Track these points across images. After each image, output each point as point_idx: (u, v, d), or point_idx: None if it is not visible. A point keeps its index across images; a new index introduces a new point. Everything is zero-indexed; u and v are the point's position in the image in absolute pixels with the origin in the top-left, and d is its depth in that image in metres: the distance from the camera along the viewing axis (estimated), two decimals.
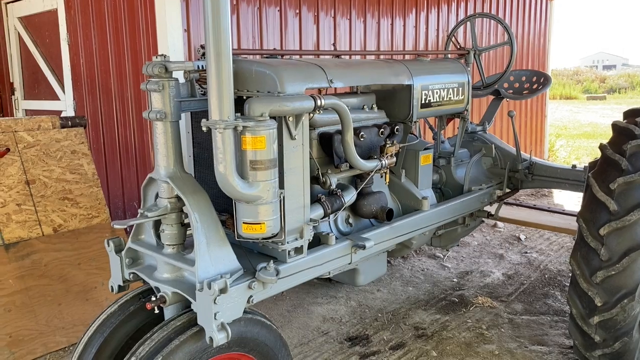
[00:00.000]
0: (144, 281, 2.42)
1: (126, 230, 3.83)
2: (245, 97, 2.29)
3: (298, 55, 3.06)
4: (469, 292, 4.31)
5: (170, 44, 4.33)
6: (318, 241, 2.69)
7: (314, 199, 2.64)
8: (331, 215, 2.71)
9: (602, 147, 3.03)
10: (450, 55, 3.89)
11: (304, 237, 2.49)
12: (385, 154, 2.90)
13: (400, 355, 3.43)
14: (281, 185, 2.34)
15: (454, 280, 4.58)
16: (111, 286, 2.50)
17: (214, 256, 2.22)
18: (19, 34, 5.95)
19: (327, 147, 2.73)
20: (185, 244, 2.36)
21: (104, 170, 5.15)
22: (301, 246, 2.50)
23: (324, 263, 2.66)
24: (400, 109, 3.19)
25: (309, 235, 2.52)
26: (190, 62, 2.31)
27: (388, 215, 2.95)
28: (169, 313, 2.33)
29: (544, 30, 8.72)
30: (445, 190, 3.92)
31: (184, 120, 2.55)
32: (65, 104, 5.49)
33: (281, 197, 2.31)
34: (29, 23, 5.82)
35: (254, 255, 2.55)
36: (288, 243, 2.43)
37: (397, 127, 3.09)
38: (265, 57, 2.76)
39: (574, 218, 3.76)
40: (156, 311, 2.31)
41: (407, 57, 3.97)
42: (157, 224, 2.39)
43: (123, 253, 2.44)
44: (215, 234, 2.24)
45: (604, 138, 10.51)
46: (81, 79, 5.26)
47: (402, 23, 6.47)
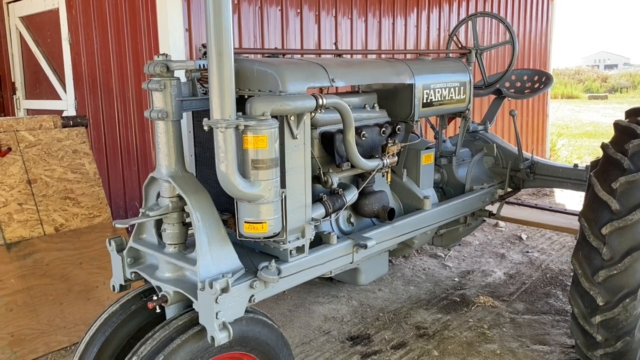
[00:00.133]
0: (146, 280, 2.42)
1: (128, 230, 3.83)
2: (246, 97, 2.29)
3: (299, 54, 3.05)
4: (471, 292, 4.31)
5: (172, 43, 4.33)
6: (319, 240, 2.69)
7: (316, 198, 2.64)
8: (333, 215, 2.71)
9: (604, 146, 3.03)
10: (451, 55, 3.88)
11: (306, 237, 2.50)
12: (387, 153, 2.90)
13: (402, 354, 3.42)
14: (283, 185, 2.34)
15: (456, 279, 4.57)
16: (113, 285, 2.51)
17: (215, 255, 2.22)
18: (20, 33, 5.96)
19: (329, 147, 2.73)
20: (186, 243, 2.37)
21: (105, 170, 5.15)
22: (303, 245, 2.50)
23: (325, 262, 2.65)
24: (402, 108, 3.19)
25: (310, 234, 2.52)
26: (191, 61, 2.30)
27: (390, 215, 2.95)
28: (170, 312, 2.33)
29: (546, 30, 8.71)
30: (446, 190, 3.92)
31: (186, 120, 2.55)
32: (67, 104, 5.49)
33: (283, 197, 2.31)
34: (30, 22, 5.82)
35: (256, 254, 2.55)
36: (289, 242, 2.43)
37: (399, 127, 3.09)
38: (267, 56, 2.76)
39: (575, 217, 3.76)
40: (158, 310, 2.31)
41: (409, 57, 3.96)
42: (159, 223, 2.39)
43: (124, 252, 2.44)
44: (216, 234, 2.24)
45: (605, 137, 10.50)
46: (82, 79, 5.26)
47: (404, 22, 6.46)
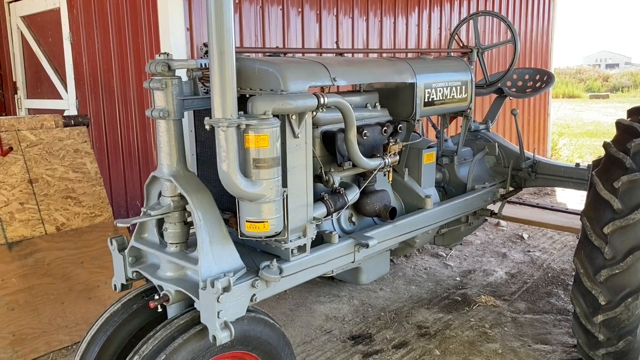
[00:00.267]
0: (147, 280, 2.42)
1: (129, 229, 3.83)
2: (248, 96, 2.29)
3: (301, 53, 3.05)
4: (472, 291, 4.30)
5: (173, 42, 4.33)
6: (321, 240, 2.69)
7: (317, 198, 2.64)
8: (334, 214, 2.70)
9: (606, 146, 3.02)
10: (453, 54, 3.88)
11: (307, 236, 2.49)
12: (389, 153, 2.90)
13: (403, 354, 3.42)
14: (284, 184, 2.34)
15: (457, 279, 4.57)
16: (114, 285, 2.51)
17: (217, 255, 2.22)
18: (21, 33, 5.96)
19: (330, 146, 2.72)
20: (188, 243, 2.36)
21: (106, 169, 5.15)
22: (304, 245, 2.50)
23: (327, 262, 2.65)
24: (404, 107, 3.18)
25: (312, 233, 2.52)
26: (193, 60, 2.30)
27: (391, 214, 2.94)
28: (172, 311, 2.33)
29: (547, 29, 8.70)
30: (448, 189, 3.91)
31: (187, 119, 2.55)
32: (68, 103, 5.49)
33: (284, 196, 2.30)
34: (31, 22, 5.82)
35: (257, 253, 2.55)
36: (291, 241, 2.43)
37: (400, 126, 3.09)
38: (268, 55, 2.76)
39: (577, 217, 3.76)
40: (159, 310, 2.30)
41: (410, 56, 3.96)
42: (160, 223, 2.39)
43: (126, 251, 2.44)
44: (218, 233, 2.24)
45: (606, 136, 10.49)
46: (84, 78, 5.26)
47: (405, 21, 6.46)
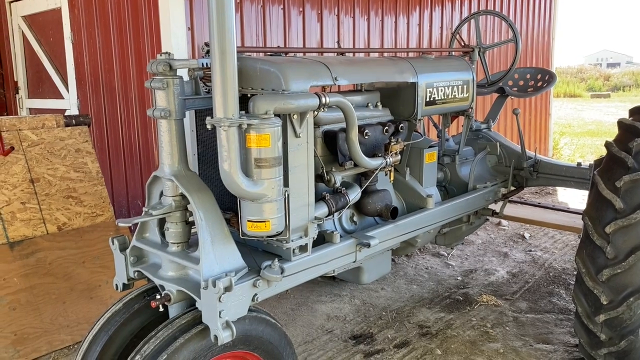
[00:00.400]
0: (149, 279, 2.42)
1: (130, 229, 3.83)
2: (249, 95, 2.28)
3: (302, 52, 3.05)
4: (474, 291, 4.30)
5: (174, 42, 4.32)
6: (322, 239, 2.69)
7: (319, 197, 2.64)
8: (336, 214, 2.70)
9: (608, 145, 3.02)
10: (454, 53, 3.87)
11: (309, 235, 2.49)
12: (390, 152, 2.90)
13: (405, 353, 3.42)
14: (286, 183, 2.34)
15: (458, 278, 4.57)
16: (116, 284, 2.51)
17: (218, 254, 2.22)
18: (23, 32, 5.96)
19: (332, 145, 2.72)
20: (189, 242, 2.36)
21: (108, 169, 5.15)
22: (306, 244, 2.50)
23: (328, 261, 2.65)
24: (405, 107, 3.18)
25: (313, 233, 2.52)
26: (194, 60, 2.30)
27: (393, 214, 2.94)
28: (173, 311, 2.33)
29: (548, 28, 8.69)
30: (449, 188, 3.91)
31: (188, 118, 2.55)
32: (69, 103, 5.50)
33: (286, 195, 2.30)
34: (33, 22, 5.82)
35: (259, 253, 2.54)
36: (293, 241, 2.43)
37: (402, 125, 3.08)
38: (270, 55, 2.76)
39: (578, 216, 3.75)
40: (161, 309, 2.31)
41: (411, 55, 3.95)
42: (162, 222, 2.39)
43: (127, 251, 2.44)
44: (219, 232, 2.24)
45: (608, 136, 10.48)
46: (85, 78, 5.26)
47: (406, 21, 6.45)
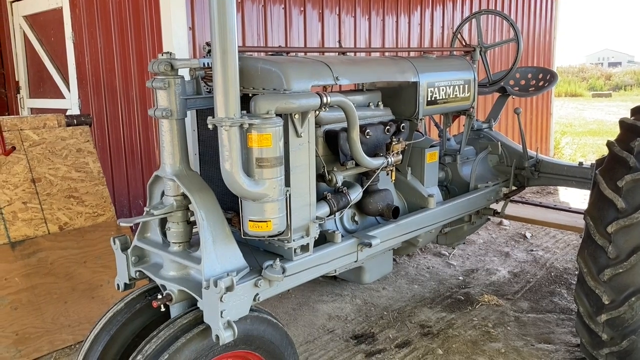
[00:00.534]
0: (150, 279, 2.42)
1: (132, 228, 3.83)
2: (251, 95, 2.29)
3: (303, 52, 3.05)
4: (475, 290, 4.30)
5: (175, 42, 4.33)
6: (324, 239, 2.69)
7: (320, 197, 2.64)
8: (337, 213, 2.70)
9: (610, 144, 3.01)
10: (456, 52, 3.87)
11: (310, 235, 2.49)
12: (391, 152, 2.90)
13: (406, 353, 3.42)
14: (287, 183, 2.34)
15: (460, 278, 4.56)
16: (117, 284, 2.51)
17: (220, 254, 2.22)
18: (24, 32, 5.96)
19: (333, 145, 2.72)
20: (191, 242, 2.36)
21: (109, 169, 5.16)
22: (307, 244, 2.50)
23: (330, 261, 2.65)
24: (406, 106, 3.18)
25: (315, 233, 2.51)
26: (195, 60, 2.31)
27: (394, 213, 2.94)
28: (175, 311, 2.33)
29: (550, 27, 8.68)
30: (451, 188, 3.91)
31: (190, 118, 2.55)
32: (71, 102, 5.50)
33: (287, 195, 2.30)
34: (34, 22, 5.83)
35: (260, 253, 2.54)
36: (294, 241, 2.43)
37: (403, 125, 3.08)
38: (271, 55, 2.76)
39: (580, 216, 3.75)
40: (162, 309, 2.31)
41: (413, 55, 3.95)
42: (163, 222, 2.39)
43: (129, 251, 2.45)
44: (221, 232, 2.24)
45: (609, 135, 10.48)
46: (86, 77, 5.27)
47: (407, 20, 6.45)
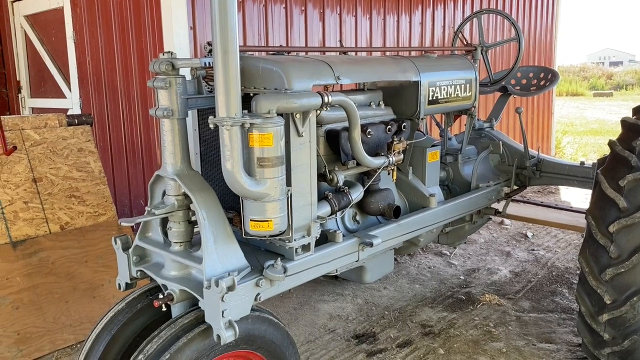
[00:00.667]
0: (151, 279, 2.42)
1: (133, 228, 3.84)
2: (252, 94, 2.28)
3: (304, 52, 3.05)
4: (476, 290, 4.29)
5: (176, 41, 4.32)
6: (325, 239, 2.69)
7: (321, 197, 2.64)
8: (338, 213, 2.70)
9: (612, 144, 3.01)
10: (457, 52, 3.87)
11: (311, 235, 2.49)
12: (393, 151, 2.89)
13: (407, 352, 3.42)
14: (288, 183, 2.34)
15: (461, 277, 4.56)
16: (118, 284, 2.51)
17: (221, 254, 2.21)
18: (25, 32, 5.97)
19: (334, 144, 2.72)
20: (192, 242, 2.36)
21: (110, 168, 5.16)
22: (308, 244, 2.50)
23: (331, 261, 2.65)
24: (408, 106, 3.18)
25: (316, 232, 2.51)
26: (197, 59, 2.30)
27: (395, 213, 2.94)
28: (176, 311, 2.33)
29: (551, 26, 8.67)
30: (452, 188, 3.90)
31: (191, 118, 2.55)
32: (72, 102, 5.50)
33: (288, 195, 2.30)
34: (35, 21, 5.83)
35: (261, 252, 2.54)
36: (295, 240, 2.43)
37: (404, 124, 3.08)
38: (272, 54, 2.76)
39: (581, 215, 3.75)
40: (164, 309, 2.31)
41: (414, 54, 3.95)
42: (165, 222, 2.39)
43: (130, 251, 2.45)
44: (222, 232, 2.24)
45: (611, 135, 10.46)
46: (87, 77, 5.27)
47: (408, 20, 6.44)
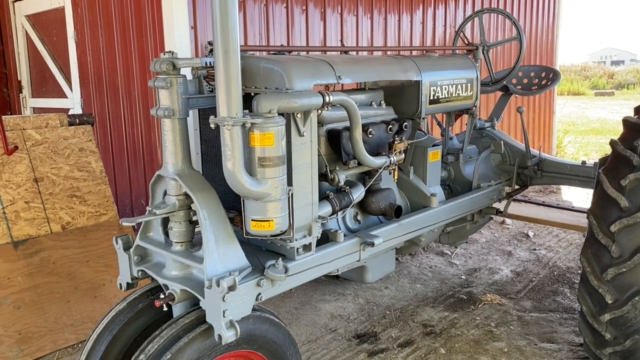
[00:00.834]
0: (153, 278, 2.42)
1: (134, 228, 3.84)
2: (253, 94, 2.28)
3: (305, 51, 3.04)
4: (478, 290, 4.29)
5: (177, 41, 4.32)
6: (326, 238, 2.68)
7: (322, 196, 2.63)
8: (339, 213, 2.70)
9: (613, 143, 3.00)
10: (458, 51, 3.86)
11: (313, 235, 2.49)
12: (394, 151, 2.89)
13: (409, 352, 3.41)
14: (289, 182, 2.33)
15: (462, 277, 4.56)
16: (119, 283, 2.51)
17: (222, 253, 2.21)
18: (26, 32, 5.97)
19: (335, 144, 2.72)
20: (193, 242, 2.36)
21: (111, 168, 5.16)
22: (309, 243, 2.49)
23: (332, 260, 2.65)
24: (409, 105, 3.17)
25: (317, 232, 2.51)
26: (198, 59, 2.30)
27: (396, 212, 2.93)
28: (177, 310, 2.33)
29: (552, 26, 8.66)
30: (453, 187, 3.90)
31: (192, 117, 2.55)
32: (73, 102, 5.50)
33: (289, 194, 2.30)
34: (36, 21, 5.83)
35: (263, 252, 2.54)
36: (296, 240, 2.42)
37: (406, 124, 3.08)
38: (273, 54, 2.75)
39: (582, 215, 3.74)
40: (165, 309, 2.31)
41: (415, 54, 3.94)
42: (166, 222, 2.38)
43: (131, 250, 2.45)
44: (223, 232, 2.23)
45: (612, 134, 10.42)
46: (88, 77, 5.27)
47: (409, 19, 6.44)
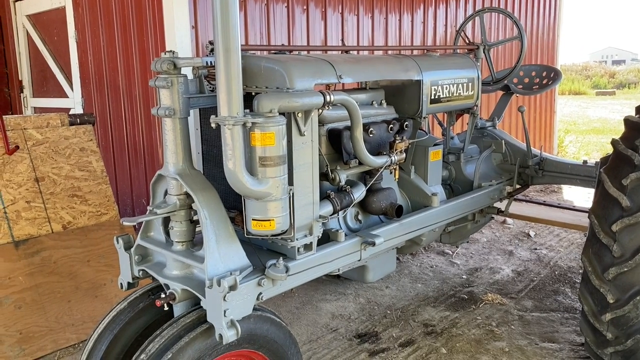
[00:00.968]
0: (153, 278, 2.42)
1: (135, 227, 3.84)
2: (254, 93, 2.28)
3: (306, 51, 3.04)
4: (479, 289, 4.29)
5: (178, 40, 4.32)
6: (327, 238, 2.68)
7: (323, 196, 2.63)
8: (340, 212, 2.70)
9: (615, 143, 3.00)
10: (459, 51, 3.86)
11: (313, 234, 2.49)
12: (395, 150, 2.89)
13: (410, 352, 3.41)
14: (290, 182, 2.33)
15: (463, 277, 4.55)
16: (120, 283, 2.51)
17: (223, 253, 2.21)
18: (27, 32, 5.97)
19: (336, 143, 2.71)
20: (194, 241, 2.36)
21: (112, 168, 5.16)
22: (310, 243, 2.49)
23: (333, 260, 2.65)
24: (410, 105, 3.17)
25: (318, 232, 2.51)
26: (198, 58, 2.30)
27: (397, 212, 2.93)
28: (178, 310, 2.33)
29: (553, 25, 8.65)
30: (454, 187, 3.90)
31: (193, 117, 2.54)
32: (74, 102, 5.50)
33: (290, 194, 2.30)
34: (37, 21, 5.83)
35: (263, 252, 2.54)
36: (297, 240, 2.42)
37: (407, 123, 3.08)
38: (274, 53, 2.75)
39: (584, 214, 3.74)
40: (166, 308, 2.30)
41: (416, 53, 3.94)
42: (166, 221, 2.39)
43: (132, 250, 2.45)
44: (224, 231, 2.23)
45: (613, 134, 10.42)
46: (89, 77, 5.27)
47: (410, 18, 6.43)
